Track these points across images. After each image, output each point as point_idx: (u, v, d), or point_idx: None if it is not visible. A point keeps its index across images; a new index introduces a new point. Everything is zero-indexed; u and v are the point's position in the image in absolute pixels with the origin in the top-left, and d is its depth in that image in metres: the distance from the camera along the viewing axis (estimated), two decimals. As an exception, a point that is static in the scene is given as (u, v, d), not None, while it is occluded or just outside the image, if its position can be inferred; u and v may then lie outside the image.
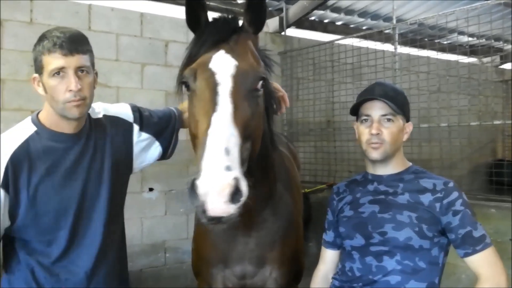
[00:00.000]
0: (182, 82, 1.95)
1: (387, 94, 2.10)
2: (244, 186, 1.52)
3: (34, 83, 2.02)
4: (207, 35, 1.96)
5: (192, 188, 1.51)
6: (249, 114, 1.80)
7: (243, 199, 1.52)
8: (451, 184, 2.04)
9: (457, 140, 5.09)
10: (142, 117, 2.42)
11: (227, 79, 1.79)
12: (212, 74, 1.81)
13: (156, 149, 2.49)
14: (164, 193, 5.41)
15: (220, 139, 1.60)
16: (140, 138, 2.39)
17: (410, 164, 2.21)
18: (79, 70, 1.97)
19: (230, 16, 2.04)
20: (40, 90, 2.01)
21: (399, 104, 2.10)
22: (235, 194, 1.49)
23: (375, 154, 2.11)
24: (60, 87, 1.94)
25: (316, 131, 6.21)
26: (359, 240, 2.13)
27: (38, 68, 1.96)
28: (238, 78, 1.80)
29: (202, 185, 1.48)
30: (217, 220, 1.53)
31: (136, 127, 2.38)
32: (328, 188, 5.39)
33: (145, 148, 2.44)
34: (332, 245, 2.41)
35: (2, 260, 2.06)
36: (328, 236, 2.43)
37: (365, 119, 2.15)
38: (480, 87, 5.99)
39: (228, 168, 1.51)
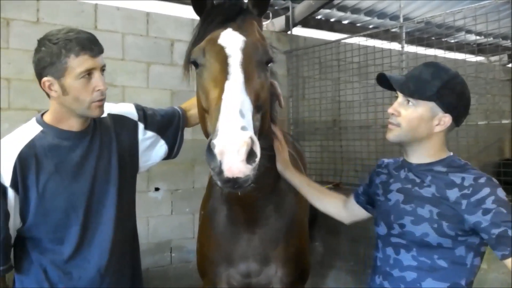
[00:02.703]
0: (190, 61, 1.99)
1: (419, 77, 1.93)
2: (258, 147, 1.52)
3: (46, 87, 2.01)
4: (213, 16, 1.99)
5: (209, 148, 1.52)
6: (259, 86, 1.84)
7: (257, 159, 1.52)
8: (482, 180, 1.83)
9: (465, 140, 5.05)
10: (147, 116, 2.43)
11: (237, 51, 1.82)
12: (221, 48, 1.85)
13: (162, 147, 2.49)
14: (170, 193, 5.41)
15: (234, 101, 1.62)
16: (145, 136, 2.40)
17: (450, 154, 2.00)
18: (101, 69, 2.05)
19: None
20: (54, 93, 2.00)
21: (430, 90, 1.89)
22: (250, 155, 1.50)
23: (388, 135, 2.01)
24: (87, 88, 1.99)
25: (322, 130, 6.18)
26: (382, 229, 2.08)
27: (57, 71, 1.96)
28: (247, 51, 1.85)
29: (219, 143, 1.49)
30: (233, 182, 1.52)
31: (141, 126, 2.40)
32: (334, 187, 5.36)
33: (150, 147, 2.44)
34: (358, 200, 2.36)
35: (13, 261, 2.06)
36: (359, 193, 2.36)
37: (395, 96, 2.02)
38: (488, 86, 5.95)
39: (244, 128, 1.51)
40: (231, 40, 1.87)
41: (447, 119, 1.92)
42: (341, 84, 6.04)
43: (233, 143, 1.47)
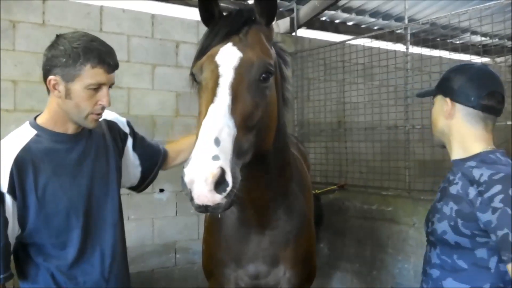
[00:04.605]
0: (191, 75, 2.01)
1: (443, 77, 2.06)
2: (229, 177, 1.55)
3: (50, 85, 1.98)
4: (218, 28, 1.98)
5: (182, 176, 1.57)
6: (252, 105, 1.82)
7: (228, 189, 1.54)
8: (497, 176, 1.71)
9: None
10: (136, 136, 2.45)
11: (229, 71, 1.82)
12: (216, 67, 1.85)
13: (136, 174, 2.47)
14: (175, 194, 5.41)
15: (211, 129, 1.64)
16: (131, 152, 2.41)
17: (487, 149, 1.91)
18: (110, 85, 2.05)
19: (244, 8, 2.06)
20: (58, 93, 1.98)
21: (439, 82, 2.05)
22: (220, 184, 1.53)
23: None
24: (91, 100, 1.98)
25: (327, 131, 6.18)
26: (425, 227, 2.10)
27: (68, 74, 1.94)
28: (241, 69, 1.84)
29: (187, 173, 1.55)
30: (204, 208, 1.57)
31: (130, 140, 2.40)
32: (339, 189, 5.36)
33: (131, 167, 2.43)
34: None
35: (15, 268, 2.03)
36: None
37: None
38: (493, 87, 5.93)
39: (216, 158, 1.55)
40: (226, 58, 1.86)
41: (448, 103, 1.96)
42: (346, 85, 6.04)
43: (200, 174, 1.52)
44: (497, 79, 1.96)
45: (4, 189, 1.87)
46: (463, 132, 1.95)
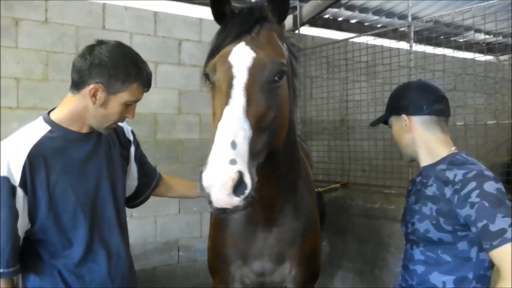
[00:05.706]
0: (204, 74, 2.00)
1: (390, 99, 2.32)
2: (248, 179, 1.55)
3: (90, 92, 1.98)
4: (230, 27, 1.97)
5: (200, 179, 1.57)
6: (265, 106, 1.80)
7: (247, 191, 1.55)
8: (470, 174, 1.91)
9: (473, 139, 5.04)
10: (139, 147, 2.47)
11: (243, 72, 1.80)
12: (229, 67, 1.83)
13: (131, 187, 2.48)
14: (177, 192, 5.40)
15: (227, 133, 1.63)
16: (132, 160, 2.42)
17: (452, 151, 2.11)
18: None
19: (256, 6, 2.04)
20: (94, 100, 1.99)
21: (388, 106, 2.30)
22: (238, 187, 1.54)
23: None
24: (122, 113, 2.06)
25: (330, 130, 6.17)
26: (403, 228, 2.27)
27: (114, 87, 1.99)
28: (255, 70, 1.82)
29: (205, 177, 1.55)
30: (223, 211, 1.58)
31: (133, 148, 2.42)
32: (341, 187, 5.35)
33: (129, 174, 2.43)
34: None
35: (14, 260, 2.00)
36: None
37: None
38: (497, 86, 5.90)
39: (233, 162, 1.55)
40: (240, 58, 1.84)
41: (405, 118, 2.17)
42: (349, 83, 6.02)
43: (218, 179, 1.52)
44: (435, 86, 2.21)
45: (16, 182, 1.88)
46: (426, 140, 2.14)
